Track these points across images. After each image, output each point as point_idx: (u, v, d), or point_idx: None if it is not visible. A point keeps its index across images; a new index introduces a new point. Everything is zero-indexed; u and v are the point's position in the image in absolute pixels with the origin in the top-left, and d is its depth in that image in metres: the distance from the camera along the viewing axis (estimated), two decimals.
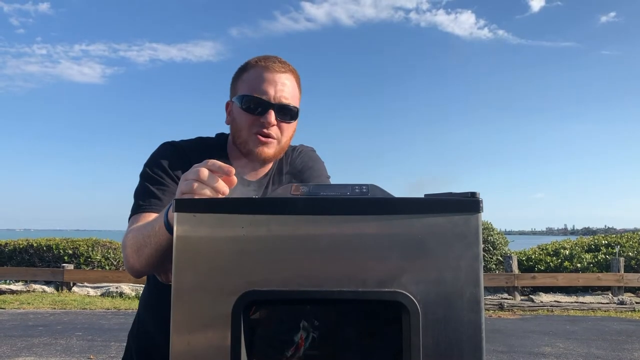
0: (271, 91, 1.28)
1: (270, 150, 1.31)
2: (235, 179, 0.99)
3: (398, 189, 0.85)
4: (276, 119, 1.29)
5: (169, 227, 1.00)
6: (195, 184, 0.95)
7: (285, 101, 1.29)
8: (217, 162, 0.98)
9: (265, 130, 1.28)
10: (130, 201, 1.30)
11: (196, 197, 0.93)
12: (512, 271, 10.74)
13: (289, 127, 1.33)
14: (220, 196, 0.96)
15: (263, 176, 1.39)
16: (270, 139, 1.29)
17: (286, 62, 1.33)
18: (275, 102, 1.28)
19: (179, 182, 1.00)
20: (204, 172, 0.95)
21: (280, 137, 1.32)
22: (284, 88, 1.30)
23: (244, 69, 1.34)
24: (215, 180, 0.96)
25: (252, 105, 1.28)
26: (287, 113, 1.30)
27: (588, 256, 11.43)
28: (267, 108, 1.27)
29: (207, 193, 0.95)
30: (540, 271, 11.27)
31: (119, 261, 12.45)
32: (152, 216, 1.20)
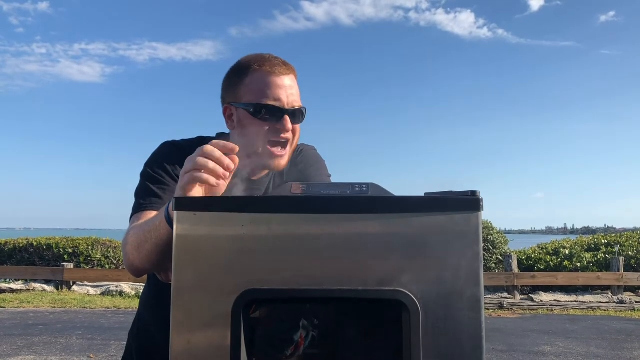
0: (283, 97, 1.28)
1: (284, 161, 1.32)
2: (237, 158, 1.02)
3: (398, 188, 0.85)
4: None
5: (170, 221, 1.00)
6: (200, 158, 0.98)
7: (297, 105, 1.31)
8: (221, 141, 1.01)
9: (283, 136, 1.29)
10: (130, 200, 1.30)
11: (200, 173, 0.96)
12: (512, 270, 10.75)
13: (299, 128, 1.35)
14: (225, 172, 0.99)
15: (264, 175, 1.39)
16: (285, 150, 1.31)
17: (287, 62, 1.33)
18: (289, 107, 1.29)
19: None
20: (208, 147, 0.98)
21: (292, 139, 1.33)
22: (293, 91, 1.31)
23: (243, 73, 1.31)
24: (219, 153, 0.99)
25: (267, 112, 1.28)
26: (298, 116, 1.32)
27: (588, 255, 11.43)
28: (282, 115, 1.28)
29: (210, 165, 0.97)
30: (540, 270, 11.28)
31: (118, 260, 12.45)
32: (153, 214, 1.20)
